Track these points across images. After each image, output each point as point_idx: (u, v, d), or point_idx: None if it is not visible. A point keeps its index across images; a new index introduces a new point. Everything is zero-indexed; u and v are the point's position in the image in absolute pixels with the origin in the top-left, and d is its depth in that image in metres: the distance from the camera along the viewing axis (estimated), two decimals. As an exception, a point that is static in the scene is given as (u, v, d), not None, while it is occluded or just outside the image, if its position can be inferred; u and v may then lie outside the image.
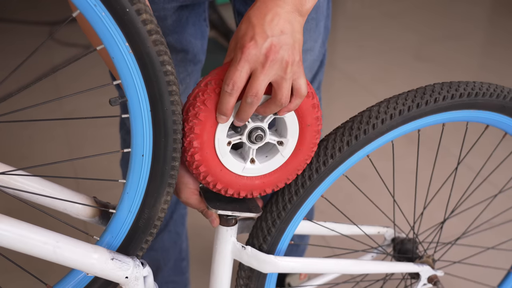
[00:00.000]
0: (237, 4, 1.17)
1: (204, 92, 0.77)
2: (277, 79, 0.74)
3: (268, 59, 0.73)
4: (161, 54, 0.69)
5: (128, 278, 0.79)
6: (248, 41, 0.73)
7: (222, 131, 0.79)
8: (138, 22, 0.66)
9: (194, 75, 1.18)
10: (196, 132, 0.78)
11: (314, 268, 1.00)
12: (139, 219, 0.81)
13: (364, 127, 0.90)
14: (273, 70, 0.73)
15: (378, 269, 1.08)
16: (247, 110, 0.76)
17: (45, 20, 3.40)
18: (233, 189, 0.85)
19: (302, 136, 0.85)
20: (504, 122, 1.00)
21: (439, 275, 1.14)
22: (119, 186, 1.49)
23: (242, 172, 0.84)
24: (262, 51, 0.72)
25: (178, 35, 1.08)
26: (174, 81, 0.72)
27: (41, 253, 0.70)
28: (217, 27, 3.23)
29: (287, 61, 0.74)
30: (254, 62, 0.73)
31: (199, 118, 0.77)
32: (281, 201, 0.93)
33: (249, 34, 0.73)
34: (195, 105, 0.77)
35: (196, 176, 0.83)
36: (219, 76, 0.77)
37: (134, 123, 0.73)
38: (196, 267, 1.68)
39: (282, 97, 0.75)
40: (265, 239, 0.94)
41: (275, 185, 0.88)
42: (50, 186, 0.80)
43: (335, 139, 0.91)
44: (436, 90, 0.92)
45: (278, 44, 0.73)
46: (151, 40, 0.68)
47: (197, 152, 0.79)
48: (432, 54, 3.14)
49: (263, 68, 0.73)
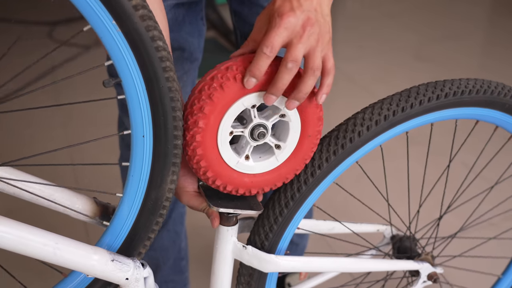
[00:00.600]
0: (234, 4, 1.17)
1: (210, 86, 0.77)
2: (310, 50, 0.77)
3: (306, 29, 0.75)
4: (150, 30, 0.68)
5: (129, 279, 0.78)
6: (287, 11, 0.75)
7: (230, 119, 0.79)
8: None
9: (191, 73, 1.18)
10: (200, 125, 0.78)
11: (314, 267, 1.00)
12: (147, 201, 0.80)
13: (350, 135, 0.90)
14: (309, 41, 0.76)
15: (379, 267, 1.08)
16: (286, 77, 0.76)
17: (45, 20, 3.40)
18: (232, 185, 0.85)
19: (300, 145, 0.85)
20: (493, 116, 1.00)
21: (438, 272, 1.15)
22: (119, 186, 1.49)
23: (235, 166, 0.84)
24: (299, 21, 0.75)
25: (174, 33, 1.08)
26: (167, 57, 0.71)
27: (41, 255, 0.70)
28: (217, 27, 3.23)
29: (319, 36, 0.77)
30: (292, 31, 0.75)
31: (204, 112, 0.77)
32: (282, 199, 0.93)
33: (286, 5, 0.75)
34: (200, 98, 0.77)
35: (196, 171, 0.83)
36: (234, 65, 0.78)
37: (131, 104, 0.72)
38: (195, 266, 1.68)
39: (315, 64, 0.77)
40: (266, 238, 0.94)
41: (273, 184, 0.88)
42: (50, 187, 0.80)
43: (329, 142, 0.92)
44: (421, 92, 0.92)
45: (314, 17, 0.76)
46: (138, 15, 0.66)
47: (199, 146, 0.79)
48: (432, 54, 3.14)
49: (301, 38, 0.75)
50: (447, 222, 1.29)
